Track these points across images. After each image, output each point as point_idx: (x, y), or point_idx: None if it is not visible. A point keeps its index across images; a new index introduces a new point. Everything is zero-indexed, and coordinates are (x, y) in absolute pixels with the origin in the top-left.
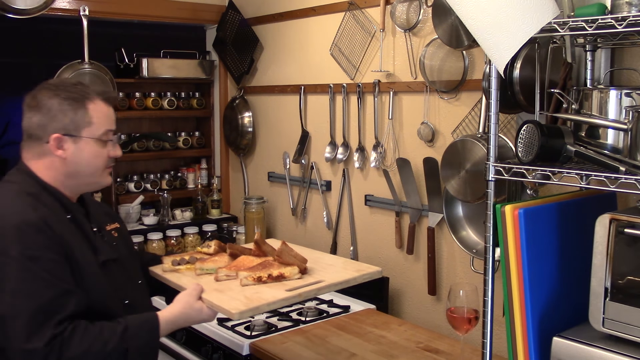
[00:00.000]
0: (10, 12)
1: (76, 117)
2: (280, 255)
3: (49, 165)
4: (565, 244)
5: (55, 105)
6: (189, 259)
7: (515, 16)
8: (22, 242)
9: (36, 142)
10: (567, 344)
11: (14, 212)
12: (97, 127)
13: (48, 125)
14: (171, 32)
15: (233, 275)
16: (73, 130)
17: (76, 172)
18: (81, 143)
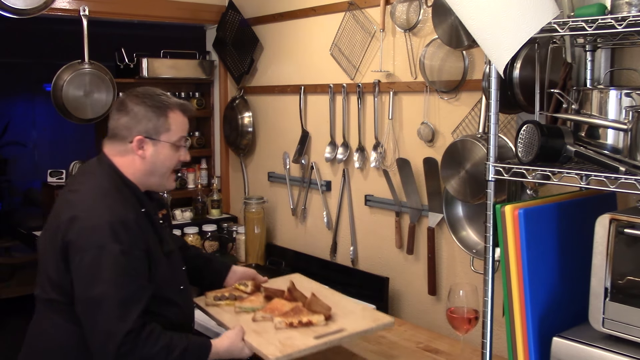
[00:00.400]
0: (10, 12)
1: (158, 123)
2: (310, 305)
3: (130, 162)
4: (565, 244)
5: (141, 111)
6: (228, 295)
7: (515, 16)
8: (116, 238)
9: (121, 141)
10: (567, 344)
11: (107, 210)
12: (173, 133)
13: (133, 128)
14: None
15: (268, 317)
16: (154, 134)
17: (152, 171)
18: (159, 146)
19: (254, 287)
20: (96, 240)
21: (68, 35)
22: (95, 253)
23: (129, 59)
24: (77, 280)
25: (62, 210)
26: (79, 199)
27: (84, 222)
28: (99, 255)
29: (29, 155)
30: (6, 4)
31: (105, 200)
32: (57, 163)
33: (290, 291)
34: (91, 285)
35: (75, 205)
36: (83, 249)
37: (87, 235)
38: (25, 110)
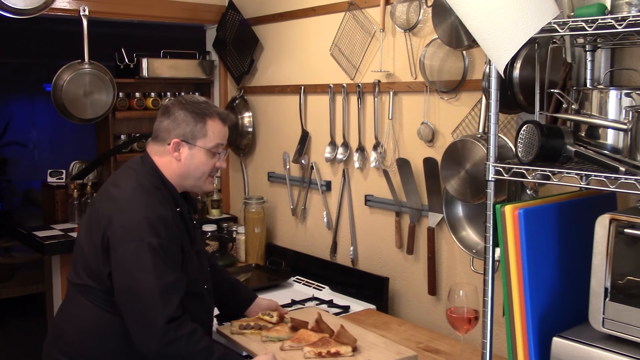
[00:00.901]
0: (10, 12)
1: (195, 128)
2: (339, 337)
3: (167, 163)
4: (565, 244)
5: (181, 115)
6: (253, 324)
7: (515, 16)
8: (154, 232)
9: (160, 142)
10: (567, 344)
11: (146, 206)
12: (210, 140)
13: (172, 131)
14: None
15: (296, 346)
16: (190, 138)
17: (186, 173)
18: (194, 150)
19: (278, 317)
20: (135, 234)
21: (68, 35)
22: (135, 245)
23: (129, 59)
24: (117, 271)
25: (104, 203)
26: (121, 194)
27: (124, 217)
28: (138, 247)
29: (29, 155)
30: (6, 4)
31: (145, 197)
32: (57, 163)
33: (317, 322)
34: (132, 276)
35: (116, 201)
36: (123, 242)
37: (126, 229)
38: (25, 110)
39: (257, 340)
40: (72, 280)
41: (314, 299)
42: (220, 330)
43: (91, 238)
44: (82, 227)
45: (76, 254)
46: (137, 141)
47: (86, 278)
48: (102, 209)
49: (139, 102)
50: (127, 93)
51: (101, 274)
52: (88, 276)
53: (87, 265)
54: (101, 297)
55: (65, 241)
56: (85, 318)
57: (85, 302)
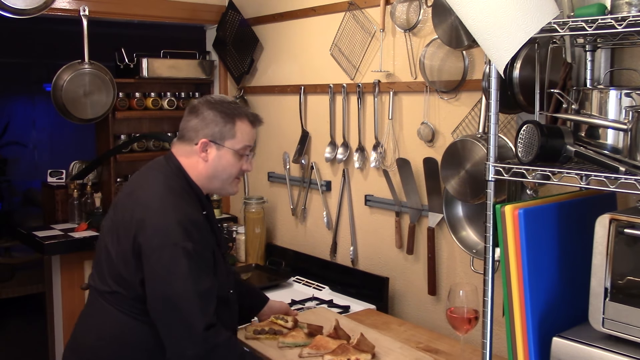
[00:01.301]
0: (10, 12)
1: (224, 128)
2: (359, 345)
3: (194, 164)
4: (565, 244)
5: (210, 115)
6: (268, 329)
7: (515, 16)
8: (188, 236)
9: (188, 142)
10: (567, 344)
11: (177, 209)
12: (238, 141)
13: (200, 131)
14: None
15: (315, 353)
16: (219, 138)
17: (213, 175)
18: (222, 151)
19: (293, 322)
20: (169, 239)
21: (68, 35)
22: (170, 251)
23: (129, 59)
24: (152, 279)
25: (132, 207)
26: (149, 198)
27: (156, 222)
28: (173, 253)
29: (29, 155)
30: (6, 4)
31: (175, 200)
32: (57, 163)
33: (336, 330)
34: (168, 283)
35: (146, 205)
36: (157, 248)
37: (159, 234)
38: (25, 110)
39: (273, 345)
40: (97, 287)
41: (314, 299)
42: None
43: (120, 244)
44: (106, 231)
45: (100, 260)
46: (137, 141)
47: (114, 285)
48: (130, 213)
49: (139, 102)
50: (127, 93)
51: (132, 282)
52: (117, 283)
53: (115, 272)
54: (130, 304)
55: (65, 241)
56: (111, 325)
57: (110, 309)
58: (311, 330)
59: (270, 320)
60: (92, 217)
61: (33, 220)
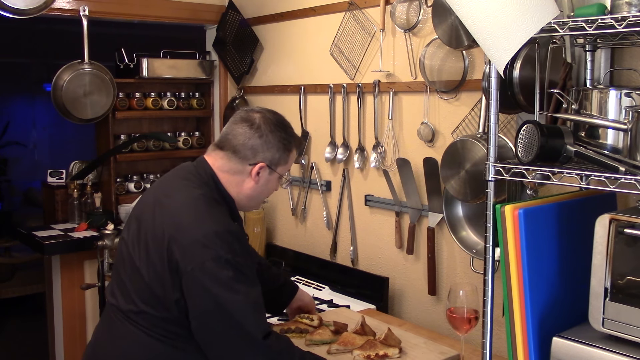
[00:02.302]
0: (10, 12)
1: (283, 155)
2: (386, 339)
3: (239, 182)
4: (565, 244)
5: (274, 140)
6: (294, 328)
7: (515, 16)
8: (228, 247)
9: (240, 159)
10: (567, 344)
11: (214, 220)
12: (286, 167)
13: (261, 153)
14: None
15: (343, 349)
16: (274, 164)
17: (257, 196)
18: (272, 176)
19: (319, 320)
20: (210, 252)
21: (68, 35)
22: (212, 264)
23: (129, 59)
24: (195, 296)
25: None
26: (181, 208)
27: (193, 234)
28: (216, 266)
29: (29, 155)
30: (6, 4)
31: (210, 210)
32: (57, 163)
33: (362, 326)
34: (216, 297)
35: (178, 216)
36: (198, 263)
37: (198, 247)
38: (25, 110)
39: (300, 344)
40: (121, 307)
41: (314, 298)
42: None
43: (150, 260)
44: (130, 245)
45: (123, 276)
46: (137, 141)
47: (142, 304)
48: (161, 227)
49: (139, 102)
50: (127, 93)
51: (166, 300)
52: (146, 302)
53: (145, 290)
54: (158, 326)
55: (65, 241)
56: (136, 349)
57: (135, 331)
58: (337, 328)
59: (296, 320)
60: (92, 217)
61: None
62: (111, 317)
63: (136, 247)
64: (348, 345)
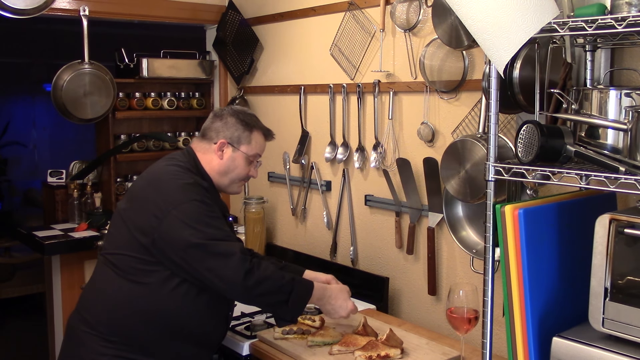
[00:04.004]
0: (10, 12)
1: (242, 134)
2: (388, 340)
3: (209, 160)
4: (565, 244)
5: (232, 121)
6: (296, 329)
7: (515, 16)
8: (198, 194)
9: (208, 140)
10: (567, 344)
11: (178, 178)
12: (251, 149)
13: (221, 132)
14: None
15: (344, 350)
16: (236, 142)
17: (225, 172)
18: (236, 154)
19: (320, 321)
20: (183, 196)
21: (68, 35)
22: (188, 205)
23: (129, 59)
24: (176, 235)
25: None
26: (163, 173)
27: (173, 185)
28: (191, 206)
29: (29, 155)
30: (6, 4)
31: (182, 171)
32: (57, 163)
33: (364, 327)
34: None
35: (159, 176)
36: (174, 208)
37: (171, 195)
38: (25, 110)
39: (303, 345)
40: (104, 253)
41: None
42: (262, 336)
43: (134, 208)
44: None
45: (112, 228)
46: (137, 141)
47: (120, 248)
48: (144, 182)
49: (139, 102)
50: (127, 93)
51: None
52: (123, 245)
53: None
54: (128, 264)
55: (65, 241)
56: (107, 286)
57: (108, 272)
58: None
59: (298, 321)
60: (92, 217)
61: (33, 220)
62: (98, 264)
63: (127, 205)
64: (350, 346)
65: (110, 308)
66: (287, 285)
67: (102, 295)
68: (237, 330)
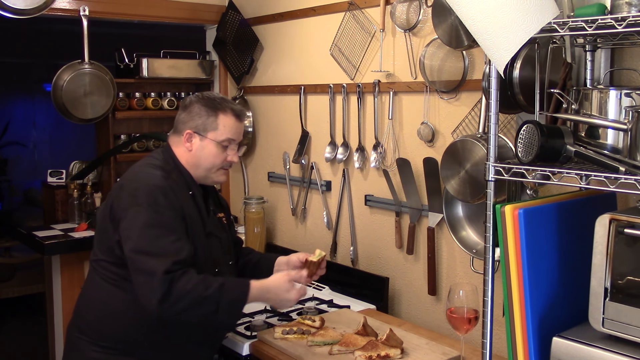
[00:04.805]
0: (10, 12)
1: (207, 121)
2: (388, 340)
3: (182, 153)
4: (565, 244)
5: (195, 109)
6: (296, 329)
7: (515, 16)
8: (152, 199)
9: (177, 133)
10: (567, 344)
11: (148, 178)
12: (220, 134)
13: (187, 123)
14: (171, 32)
15: (344, 350)
16: (202, 130)
17: (197, 163)
18: (205, 142)
19: (320, 321)
20: (135, 201)
21: (68, 35)
22: (135, 210)
23: (129, 59)
24: (123, 237)
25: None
26: (130, 172)
27: (127, 187)
28: (137, 211)
29: (29, 155)
30: (6, 4)
31: (150, 170)
32: (57, 163)
33: (364, 327)
34: (133, 236)
35: (124, 177)
36: (125, 210)
37: (128, 197)
38: (25, 110)
39: (303, 345)
40: (91, 259)
41: (314, 299)
42: (262, 336)
43: (103, 211)
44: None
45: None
46: (137, 141)
47: (99, 253)
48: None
49: (139, 102)
50: (127, 93)
51: (112, 244)
52: (102, 251)
53: (102, 239)
54: (108, 270)
55: (65, 241)
56: (94, 293)
57: (95, 277)
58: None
59: (298, 321)
60: (92, 217)
61: (33, 220)
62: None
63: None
64: (350, 346)
65: (97, 313)
66: (213, 295)
67: (90, 301)
68: (237, 330)
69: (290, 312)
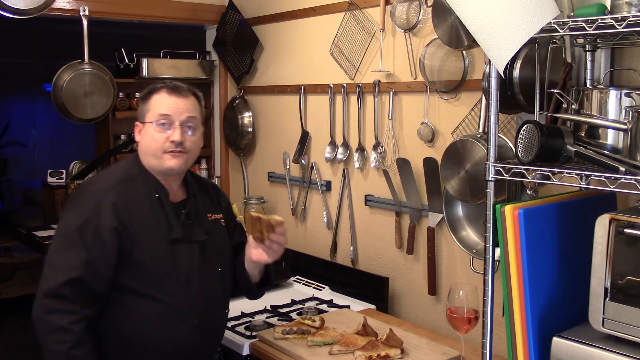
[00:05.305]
0: (10, 12)
1: (143, 106)
2: (388, 340)
3: (139, 150)
4: (565, 244)
5: (138, 104)
6: (296, 329)
7: (515, 16)
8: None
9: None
10: (567, 344)
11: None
12: (153, 113)
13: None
14: (171, 32)
15: (345, 350)
16: (141, 117)
17: (144, 151)
18: (145, 128)
19: (320, 321)
20: (66, 208)
21: (68, 35)
22: (60, 221)
23: (129, 59)
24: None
25: None
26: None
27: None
28: (60, 223)
29: (29, 155)
30: (6, 4)
31: (104, 177)
32: (57, 163)
33: (364, 327)
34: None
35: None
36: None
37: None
38: (25, 110)
39: (303, 345)
40: None
41: (314, 299)
42: (262, 336)
43: None
44: None
45: None
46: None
47: None
48: None
49: None
50: (127, 93)
51: None
52: None
53: None
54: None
55: None
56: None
57: None
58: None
59: (298, 321)
60: None
61: (33, 220)
62: None
63: None
64: (350, 346)
65: None
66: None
67: None
68: (237, 330)
69: (291, 312)
